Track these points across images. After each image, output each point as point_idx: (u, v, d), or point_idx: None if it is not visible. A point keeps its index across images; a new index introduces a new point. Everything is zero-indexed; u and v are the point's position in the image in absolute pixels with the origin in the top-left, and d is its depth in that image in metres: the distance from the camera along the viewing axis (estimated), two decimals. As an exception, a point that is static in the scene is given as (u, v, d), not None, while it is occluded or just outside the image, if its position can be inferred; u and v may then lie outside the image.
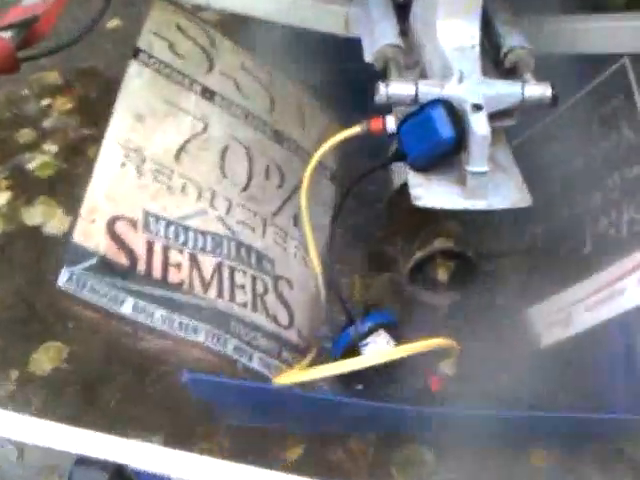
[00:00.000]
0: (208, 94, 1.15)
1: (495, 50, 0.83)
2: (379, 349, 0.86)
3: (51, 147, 1.34)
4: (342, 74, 1.33)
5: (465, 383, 0.93)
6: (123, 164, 0.97)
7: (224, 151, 1.11)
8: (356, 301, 0.97)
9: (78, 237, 0.87)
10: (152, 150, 1.02)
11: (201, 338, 0.90)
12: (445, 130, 0.72)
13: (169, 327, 0.88)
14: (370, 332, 0.86)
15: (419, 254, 0.82)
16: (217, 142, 1.11)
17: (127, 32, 1.47)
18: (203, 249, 0.98)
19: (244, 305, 0.98)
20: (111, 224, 0.91)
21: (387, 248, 0.98)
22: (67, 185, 1.21)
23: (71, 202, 1.19)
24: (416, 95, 0.75)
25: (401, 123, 0.76)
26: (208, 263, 0.97)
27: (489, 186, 0.74)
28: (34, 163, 1.31)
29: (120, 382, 1.03)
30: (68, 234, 0.87)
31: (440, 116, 0.72)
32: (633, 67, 1.05)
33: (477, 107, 0.72)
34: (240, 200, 1.08)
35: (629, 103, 1.02)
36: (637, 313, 0.87)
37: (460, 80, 0.74)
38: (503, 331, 0.98)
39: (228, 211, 1.05)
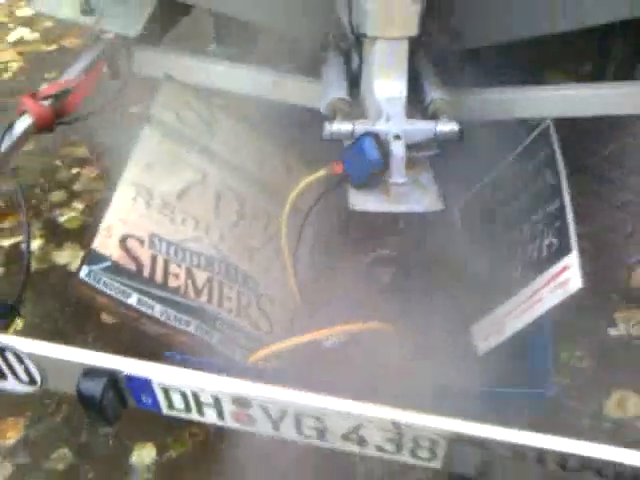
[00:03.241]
0: (208, 153, 1.41)
1: (421, 99, 1.08)
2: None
3: (79, 205, 1.59)
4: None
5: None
6: (134, 198, 1.21)
7: (218, 197, 1.35)
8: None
9: (96, 246, 1.10)
10: (159, 190, 1.26)
11: (191, 329, 1.10)
12: (373, 154, 0.97)
13: (166, 318, 1.09)
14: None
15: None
16: (213, 189, 1.35)
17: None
18: (198, 265, 1.20)
19: (230, 311, 1.18)
20: (123, 240, 1.14)
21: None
22: (90, 234, 1.45)
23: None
24: (353, 131, 1.00)
25: (343, 152, 1.01)
26: (201, 276, 1.19)
27: (411, 198, 0.97)
28: (64, 217, 1.56)
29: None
30: (90, 244, 1.10)
31: (369, 144, 0.97)
32: (556, 127, 1.30)
33: (397, 137, 0.97)
34: (231, 233, 1.30)
35: (551, 156, 1.26)
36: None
37: (387, 119, 1.00)
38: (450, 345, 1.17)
39: (221, 239, 1.27)
